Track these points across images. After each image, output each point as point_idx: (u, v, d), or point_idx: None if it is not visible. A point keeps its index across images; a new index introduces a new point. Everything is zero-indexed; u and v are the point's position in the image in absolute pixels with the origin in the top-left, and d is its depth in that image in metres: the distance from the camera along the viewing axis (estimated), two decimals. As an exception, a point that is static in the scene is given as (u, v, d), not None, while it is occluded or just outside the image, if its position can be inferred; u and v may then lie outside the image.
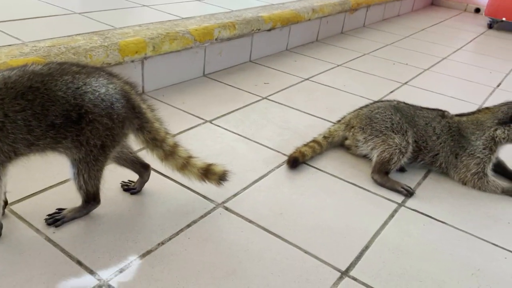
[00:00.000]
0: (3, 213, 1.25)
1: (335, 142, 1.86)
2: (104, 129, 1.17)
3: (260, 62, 2.88)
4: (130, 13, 2.61)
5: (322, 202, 1.53)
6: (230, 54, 2.70)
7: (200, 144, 1.82)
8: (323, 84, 2.63)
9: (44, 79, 1.11)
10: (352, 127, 1.83)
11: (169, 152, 1.32)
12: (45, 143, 1.13)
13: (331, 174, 1.71)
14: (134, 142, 1.36)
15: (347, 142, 1.84)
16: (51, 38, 1.90)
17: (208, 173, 1.36)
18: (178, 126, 1.93)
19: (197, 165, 1.35)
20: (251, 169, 1.68)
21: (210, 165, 1.37)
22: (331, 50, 3.31)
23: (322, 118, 2.17)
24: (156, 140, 1.31)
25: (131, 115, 1.23)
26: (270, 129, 2.03)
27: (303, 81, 2.65)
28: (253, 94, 2.39)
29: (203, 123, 2.02)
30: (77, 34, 2.00)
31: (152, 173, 1.49)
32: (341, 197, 1.58)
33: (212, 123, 2.03)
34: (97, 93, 1.15)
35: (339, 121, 1.92)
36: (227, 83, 2.49)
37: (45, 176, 1.47)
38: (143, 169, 1.45)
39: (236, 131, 1.97)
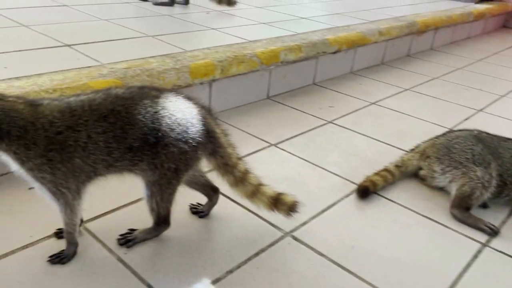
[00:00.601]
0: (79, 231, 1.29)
1: (408, 172, 1.76)
2: (179, 153, 1.17)
3: (324, 85, 2.83)
4: (199, 36, 2.68)
5: (397, 237, 1.44)
6: (294, 76, 2.68)
7: (265, 168, 1.79)
8: (390, 109, 2.53)
9: (126, 102, 1.13)
10: (428, 156, 1.72)
11: (240, 179, 1.30)
12: (122, 165, 1.15)
13: (405, 207, 1.61)
14: (204, 164, 1.36)
15: (422, 172, 1.74)
16: (127, 60, 1.97)
17: (278, 203, 1.32)
18: (243, 149, 1.91)
19: (267, 194, 1.32)
20: (319, 197, 1.62)
21: (280, 194, 1.33)
22: (397, 73, 3.20)
23: (391, 145, 2.08)
24: (228, 166, 1.29)
25: (206, 139, 1.22)
26: (337, 154, 1.96)
27: (369, 105, 2.57)
28: (317, 117, 2.34)
29: (268, 146, 2.00)
30: (151, 57, 2.07)
31: (220, 196, 1.47)
32: (417, 232, 1.48)
33: (277, 146, 2.00)
34: (174, 118, 1.16)
35: (412, 149, 1.82)
36: (291, 106, 2.47)
37: (117, 195, 1.50)
38: (212, 192, 1.44)
39: (301, 155, 1.92)
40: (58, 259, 1.19)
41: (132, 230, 1.31)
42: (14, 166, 1.09)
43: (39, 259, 1.20)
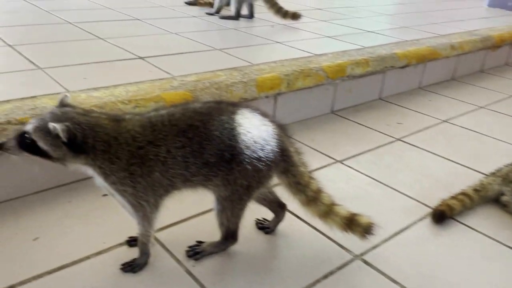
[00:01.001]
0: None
1: (488, 197, 1.63)
2: (252, 170, 1.15)
3: (391, 100, 2.73)
4: (265, 50, 2.68)
5: (479, 269, 1.33)
6: (359, 91, 2.61)
7: (332, 186, 1.71)
8: (464, 128, 2.38)
9: (204, 118, 1.14)
10: (511, 181, 1.59)
11: (312, 198, 1.26)
12: (198, 180, 1.15)
13: (486, 235, 1.48)
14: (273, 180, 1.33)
15: (505, 198, 1.60)
16: (197, 73, 2.01)
17: (352, 224, 1.26)
18: (308, 165, 1.88)
19: (341, 214, 1.27)
20: (390, 219, 1.54)
21: (354, 215, 1.27)
22: (470, 89, 3.02)
23: (467, 167, 1.95)
24: (300, 185, 1.26)
25: (279, 158, 1.20)
26: (407, 174, 1.86)
27: (440, 123, 2.44)
28: (385, 134, 2.25)
29: (334, 163, 1.94)
30: (219, 70, 2.10)
31: (286, 213, 1.44)
32: (503, 265, 1.35)
33: (343, 163, 1.94)
34: (250, 135, 1.14)
35: (493, 173, 1.69)
36: (357, 121, 2.39)
37: (186, 205, 1.51)
38: (279, 208, 1.41)
39: (369, 174, 1.85)
40: (130, 267, 1.21)
41: (200, 242, 1.31)
42: (98, 179, 1.13)
43: (111, 266, 1.23)
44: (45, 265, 1.20)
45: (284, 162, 1.22)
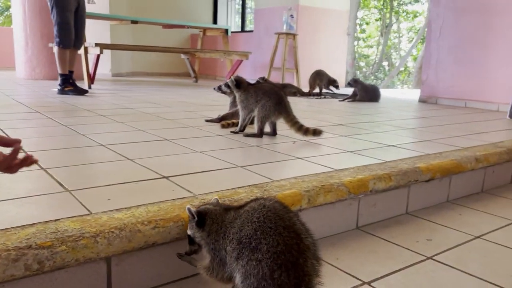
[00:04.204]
0: None
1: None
2: None
3: (418, 214, 2.64)
4: (286, 166, 2.74)
5: None
6: (384, 205, 2.55)
7: (360, 312, 1.61)
8: (501, 245, 2.24)
9: None
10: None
11: None
12: None
13: None
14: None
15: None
16: (217, 191, 2.04)
17: None
18: (332, 287, 1.77)
19: None
20: None
21: None
22: (501, 202, 2.91)
23: (507, 289, 1.78)
24: None
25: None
26: (442, 299, 1.72)
27: (473, 239, 2.31)
28: (414, 252, 2.13)
29: (361, 284, 1.82)
30: (239, 187, 2.13)
31: None
32: None
33: (371, 285, 1.81)
34: None
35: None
36: (383, 237, 2.30)
37: None
38: None
39: (400, 298, 1.71)
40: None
41: None
42: None
43: None
44: None
45: None
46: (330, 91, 8.02)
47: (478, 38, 6.12)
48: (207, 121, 4.19)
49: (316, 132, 3.45)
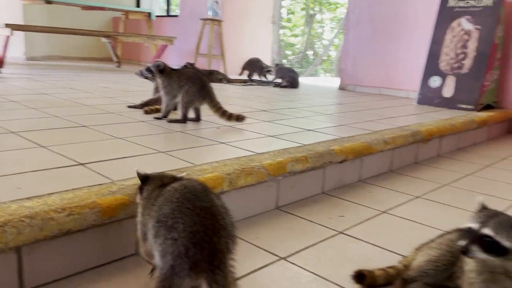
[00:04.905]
0: None
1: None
2: None
3: (333, 193, 2.83)
4: (209, 151, 2.78)
5: None
6: (302, 186, 2.70)
7: (276, 286, 1.71)
8: (403, 218, 2.48)
9: None
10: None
11: None
12: None
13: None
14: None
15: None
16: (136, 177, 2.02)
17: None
18: (251, 264, 1.86)
19: None
20: (333, 316, 1.51)
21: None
22: (406, 180, 3.21)
23: (405, 256, 1.99)
24: None
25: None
26: (350, 268, 1.87)
27: (380, 214, 2.53)
28: (328, 227, 2.29)
29: (278, 260, 1.93)
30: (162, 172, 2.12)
31: None
32: None
33: (287, 260, 1.93)
34: None
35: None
36: (301, 216, 2.44)
37: None
38: None
39: (313, 270, 1.84)
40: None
41: None
42: None
43: None
44: None
45: None
46: (265, 79, 8.12)
47: (390, 29, 6.57)
48: (129, 107, 4.08)
49: (239, 118, 3.52)
